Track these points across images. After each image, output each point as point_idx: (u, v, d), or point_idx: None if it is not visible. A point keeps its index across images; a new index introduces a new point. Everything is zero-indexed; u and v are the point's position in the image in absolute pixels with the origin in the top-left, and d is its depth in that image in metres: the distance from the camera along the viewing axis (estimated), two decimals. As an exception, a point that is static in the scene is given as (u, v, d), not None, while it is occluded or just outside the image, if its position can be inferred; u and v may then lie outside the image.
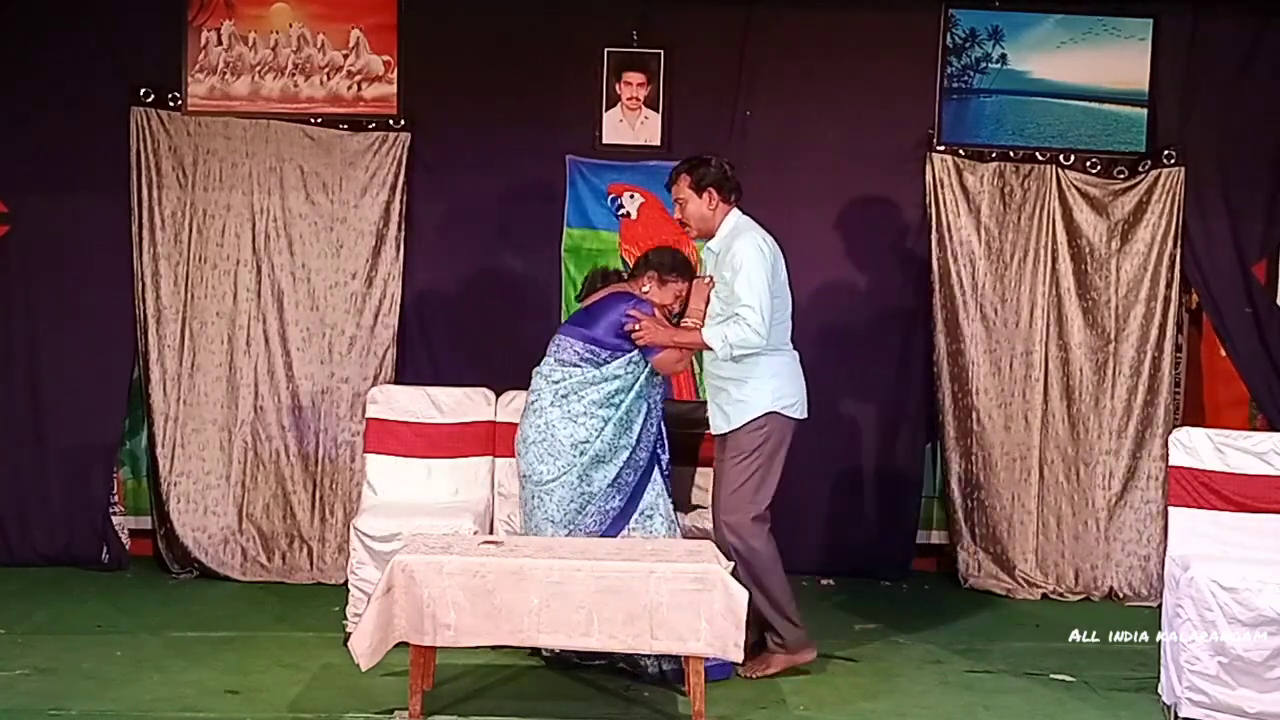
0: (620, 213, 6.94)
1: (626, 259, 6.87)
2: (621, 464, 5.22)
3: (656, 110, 6.90)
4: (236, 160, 6.84)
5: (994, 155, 6.94)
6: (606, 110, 6.90)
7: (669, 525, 5.31)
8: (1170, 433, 5.41)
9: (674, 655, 4.85)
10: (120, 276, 6.81)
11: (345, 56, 6.86)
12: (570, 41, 6.89)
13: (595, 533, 5.18)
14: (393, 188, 6.87)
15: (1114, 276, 6.92)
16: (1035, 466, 6.93)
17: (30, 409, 6.83)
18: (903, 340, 7.01)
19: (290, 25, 6.85)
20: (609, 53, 6.88)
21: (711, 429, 5.46)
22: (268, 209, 6.85)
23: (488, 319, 6.85)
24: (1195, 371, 7.08)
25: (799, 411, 5.37)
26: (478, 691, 5.00)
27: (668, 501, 5.36)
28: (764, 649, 5.34)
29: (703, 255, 5.56)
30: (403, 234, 6.88)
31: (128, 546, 6.90)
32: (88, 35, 6.76)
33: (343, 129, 6.87)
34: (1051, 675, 5.44)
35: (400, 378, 6.78)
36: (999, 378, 6.95)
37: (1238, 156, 6.89)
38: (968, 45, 6.91)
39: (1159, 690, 4.98)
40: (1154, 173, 6.89)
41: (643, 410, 5.30)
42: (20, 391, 6.83)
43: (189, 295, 6.83)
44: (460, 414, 6.16)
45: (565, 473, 5.18)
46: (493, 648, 5.02)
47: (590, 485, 5.19)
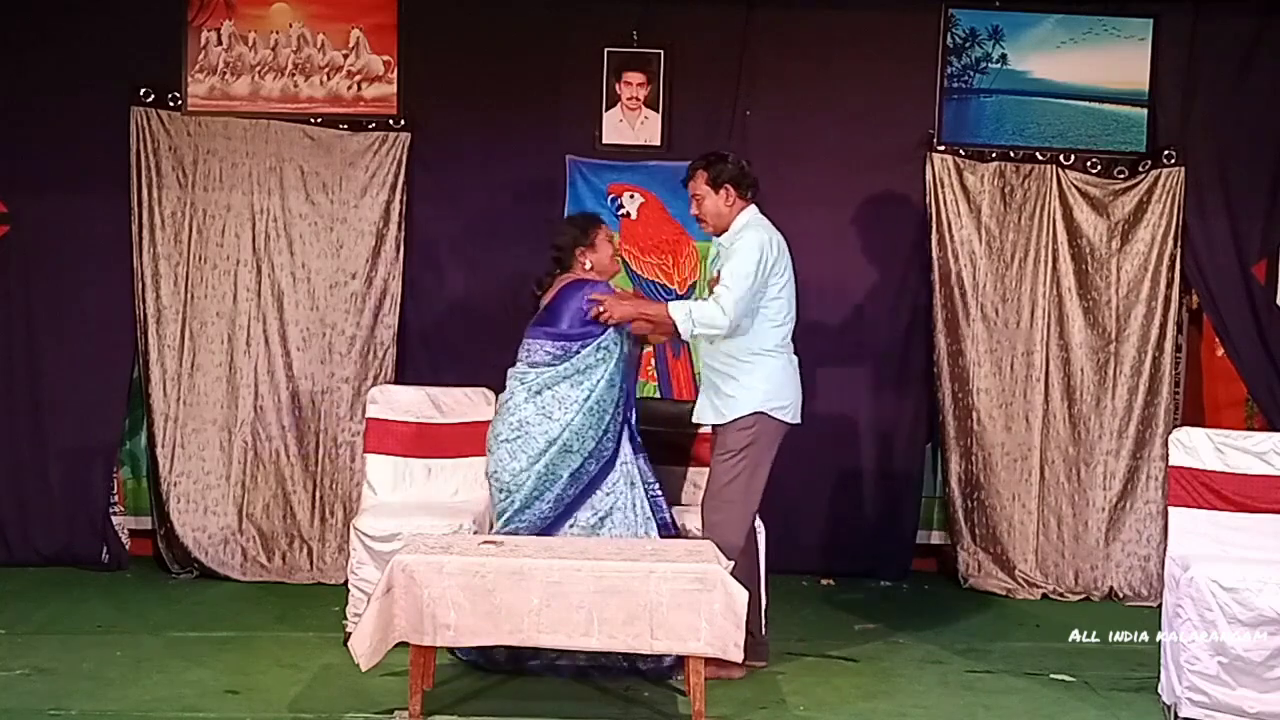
0: (620, 213, 6.94)
1: (626, 259, 6.88)
2: (586, 454, 5.21)
3: (656, 110, 6.90)
4: (236, 160, 6.84)
5: (994, 155, 6.94)
6: (606, 110, 6.90)
7: (635, 527, 5.26)
8: (1170, 433, 5.41)
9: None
10: (120, 276, 6.81)
11: (345, 56, 6.86)
12: (570, 41, 6.89)
13: (548, 518, 5.16)
14: (393, 188, 6.87)
15: (1114, 276, 6.92)
16: (1036, 466, 6.92)
17: (30, 409, 6.83)
18: (903, 340, 7.01)
19: (290, 25, 6.85)
20: (609, 53, 6.88)
21: (695, 416, 5.44)
22: (268, 209, 6.85)
23: (487, 319, 6.83)
24: (1195, 371, 7.08)
25: (791, 416, 5.32)
26: (478, 691, 5.00)
27: (644, 503, 5.31)
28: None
29: (713, 248, 5.53)
30: (403, 234, 6.89)
31: (128, 546, 6.91)
32: (88, 35, 6.76)
33: (343, 129, 6.87)
34: (1051, 675, 5.44)
35: (400, 378, 6.78)
36: (999, 378, 6.95)
37: (1238, 156, 6.89)
38: (968, 45, 6.91)
39: (1159, 690, 4.97)
40: (1154, 173, 6.89)
41: (615, 401, 5.27)
42: (20, 391, 6.83)
43: (189, 295, 6.83)
44: (460, 414, 6.15)
45: (535, 464, 5.18)
46: (493, 648, 5.01)
47: (556, 475, 5.18)
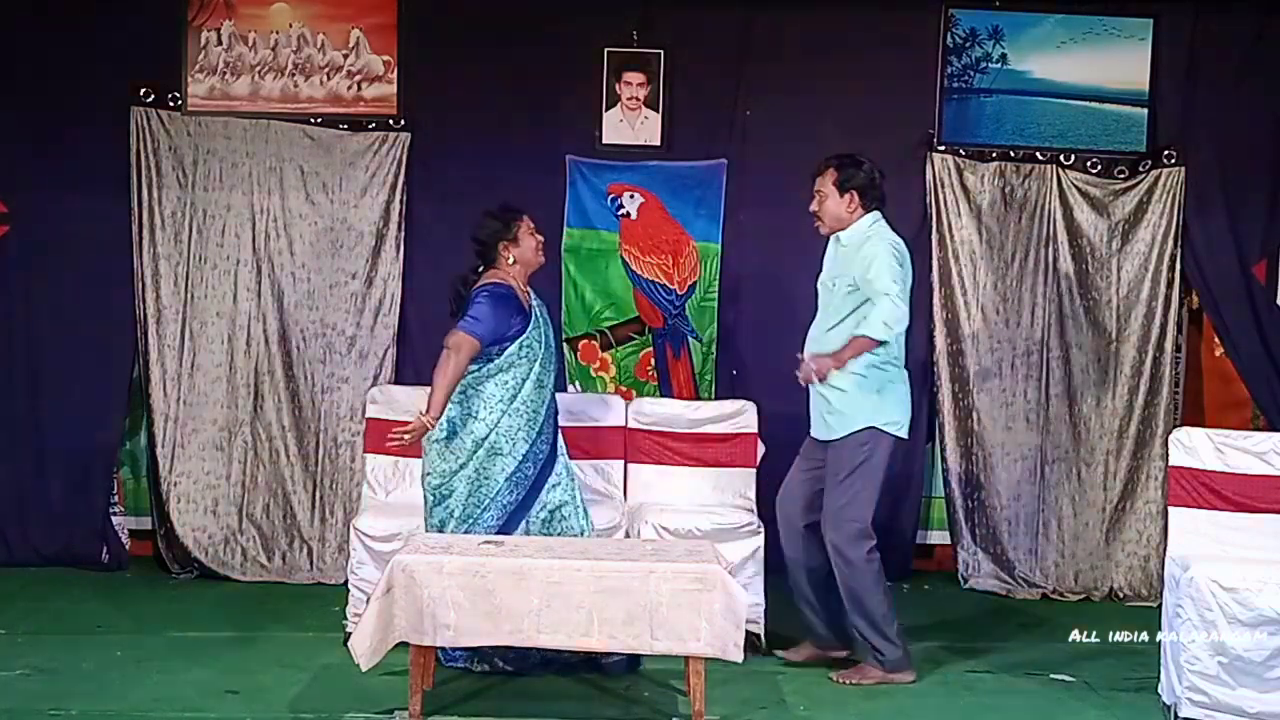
0: (620, 213, 6.94)
1: (626, 259, 6.88)
2: (520, 457, 5.17)
3: (656, 110, 6.90)
4: (236, 160, 6.84)
5: (994, 155, 6.94)
6: (606, 110, 6.90)
7: (583, 524, 5.29)
8: (1170, 433, 5.41)
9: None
10: (120, 276, 6.81)
11: (345, 56, 6.85)
12: (570, 41, 6.89)
13: (494, 529, 5.13)
14: (393, 188, 6.87)
15: (1115, 276, 6.92)
16: (1036, 467, 6.92)
17: (30, 409, 6.83)
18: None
19: (290, 25, 6.85)
20: (609, 53, 6.88)
21: (812, 433, 5.42)
22: (268, 209, 6.85)
23: (487, 319, 6.83)
24: (1195, 371, 7.08)
25: (902, 431, 5.34)
26: (478, 691, 5.00)
27: (582, 497, 5.35)
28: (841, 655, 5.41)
29: (831, 245, 5.43)
30: (403, 234, 6.88)
31: (128, 546, 6.90)
32: (88, 35, 6.75)
33: (343, 129, 6.87)
34: (1051, 675, 5.44)
35: (400, 378, 6.77)
36: (999, 378, 6.95)
37: (1238, 156, 6.89)
38: (968, 45, 6.91)
39: (1159, 690, 4.97)
40: (1154, 173, 6.89)
41: (544, 402, 5.24)
42: (20, 391, 6.82)
43: (189, 295, 6.83)
44: (460, 414, 6.15)
45: (463, 467, 5.15)
46: (493, 647, 5.00)
47: (489, 479, 5.14)
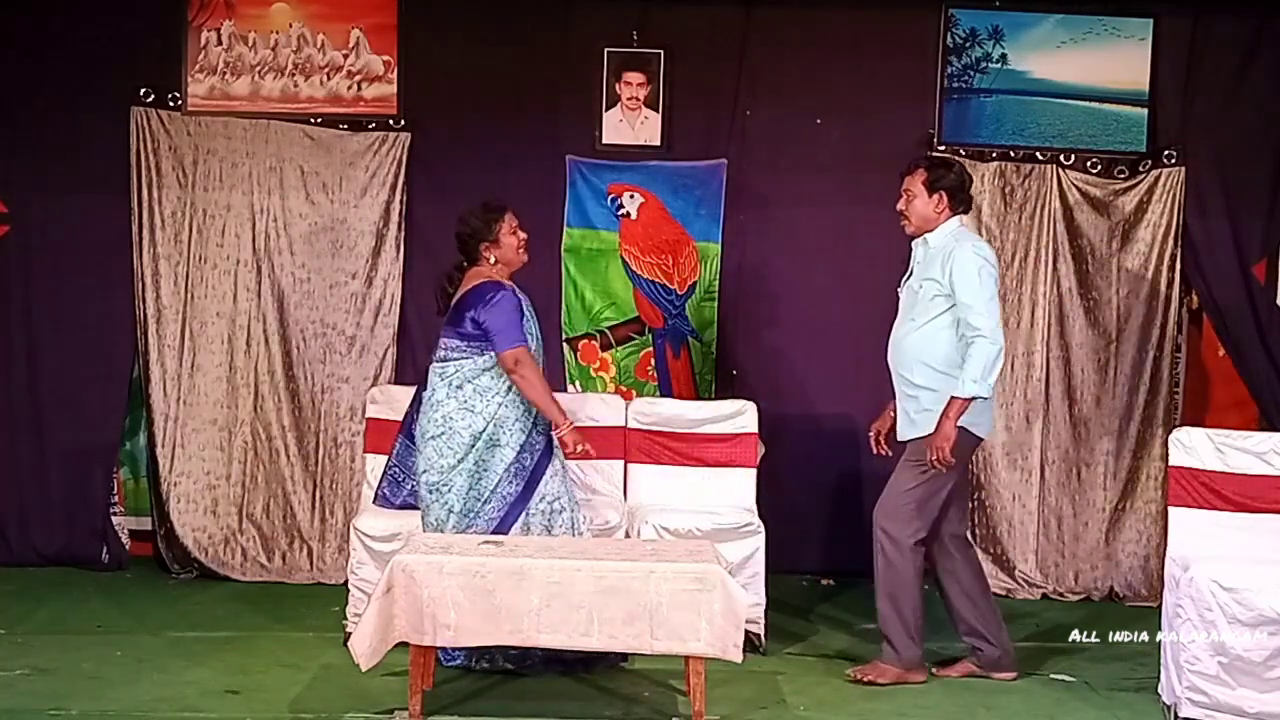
0: (620, 213, 6.94)
1: (626, 259, 6.88)
2: (519, 447, 5.17)
3: (656, 110, 6.90)
4: (236, 160, 6.84)
5: (994, 155, 6.94)
6: (606, 110, 6.90)
7: (576, 515, 5.28)
8: (1170, 433, 5.41)
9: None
10: (120, 276, 6.81)
11: (345, 56, 6.85)
12: (570, 41, 6.89)
13: (494, 521, 5.13)
14: (393, 188, 6.87)
15: (1115, 276, 6.91)
16: (1036, 467, 6.92)
17: (30, 409, 6.83)
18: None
19: (290, 25, 6.85)
20: (609, 53, 6.88)
21: (899, 436, 5.36)
22: (268, 209, 6.85)
23: (487, 319, 6.83)
24: (1195, 371, 7.08)
25: (983, 431, 5.32)
26: (478, 691, 5.00)
27: (573, 491, 5.35)
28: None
29: (917, 249, 5.37)
30: (403, 234, 6.89)
31: (128, 546, 6.90)
32: (88, 35, 6.76)
33: (343, 129, 6.87)
34: (1051, 675, 5.44)
35: (400, 378, 6.76)
36: (1000, 378, 6.92)
37: (1238, 156, 6.88)
38: (968, 45, 6.91)
39: (1159, 690, 4.97)
40: (1154, 173, 6.89)
41: None
42: (20, 391, 6.83)
43: (189, 295, 6.82)
44: (460, 414, 6.15)
45: (462, 461, 5.15)
46: (493, 647, 5.01)
47: (488, 471, 5.15)
